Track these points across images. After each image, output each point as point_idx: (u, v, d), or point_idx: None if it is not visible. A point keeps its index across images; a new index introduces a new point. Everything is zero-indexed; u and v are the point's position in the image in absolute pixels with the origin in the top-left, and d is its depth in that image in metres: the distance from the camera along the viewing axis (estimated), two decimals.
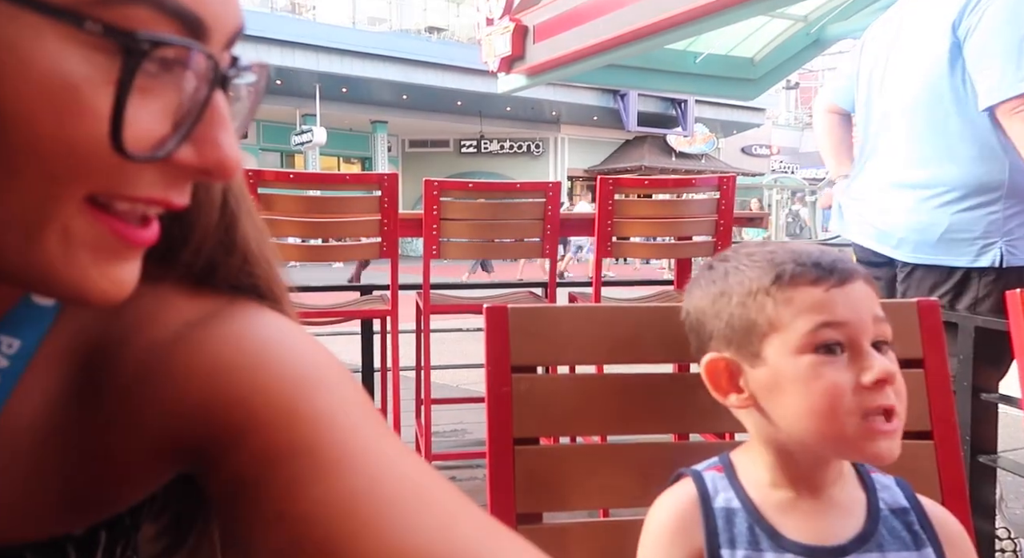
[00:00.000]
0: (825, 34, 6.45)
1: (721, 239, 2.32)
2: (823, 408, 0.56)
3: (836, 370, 0.56)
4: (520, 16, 7.05)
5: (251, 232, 0.42)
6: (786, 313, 0.59)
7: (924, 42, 1.59)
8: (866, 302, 0.58)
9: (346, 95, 15.20)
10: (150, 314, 0.38)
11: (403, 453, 0.35)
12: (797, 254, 0.60)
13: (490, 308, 0.74)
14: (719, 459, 0.65)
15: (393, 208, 2.12)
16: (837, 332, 0.57)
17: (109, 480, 0.37)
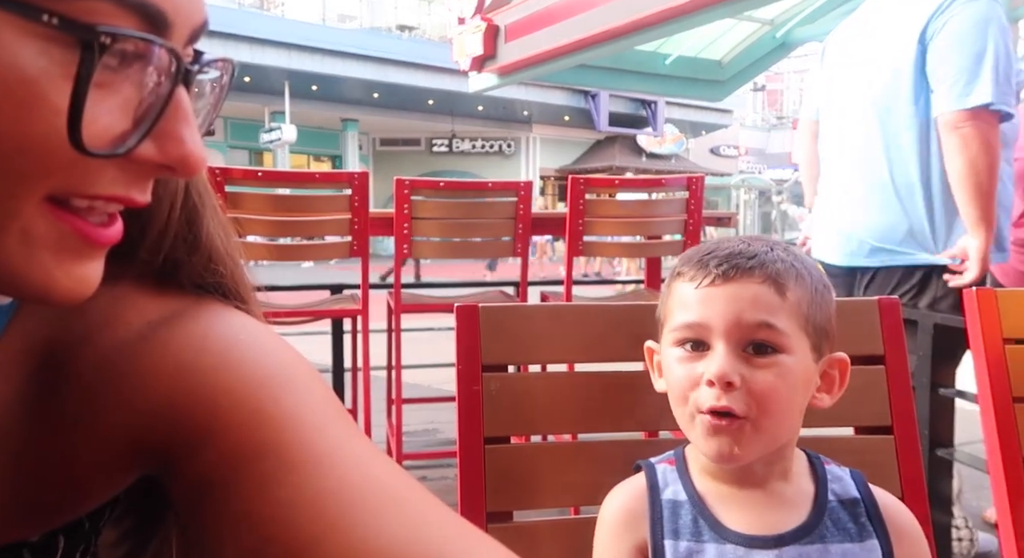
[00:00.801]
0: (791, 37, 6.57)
1: (690, 238, 2.35)
2: (674, 396, 0.61)
3: (688, 365, 0.59)
4: (491, 15, 7.04)
5: (215, 230, 0.41)
6: (667, 306, 0.63)
7: (890, 48, 1.62)
8: (739, 303, 0.58)
9: (316, 93, 15.03)
10: (112, 313, 0.37)
11: (371, 453, 0.34)
12: (705, 248, 0.62)
13: (461, 307, 0.74)
14: (674, 452, 0.66)
15: (364, 207, 2.11)
16: (695, 332, 0.59)
17: (67, 484, 0.36)
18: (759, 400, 0.56)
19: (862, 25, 1.75)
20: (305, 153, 17.60)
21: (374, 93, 15.51)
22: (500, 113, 17.64)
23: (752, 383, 0.56)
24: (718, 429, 0.57)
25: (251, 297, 0.43)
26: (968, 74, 1.49)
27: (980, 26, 1.50)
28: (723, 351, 0.57)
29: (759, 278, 0.59)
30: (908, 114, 1.60)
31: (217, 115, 0.36)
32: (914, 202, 1.62)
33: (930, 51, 1.53)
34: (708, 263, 0.60)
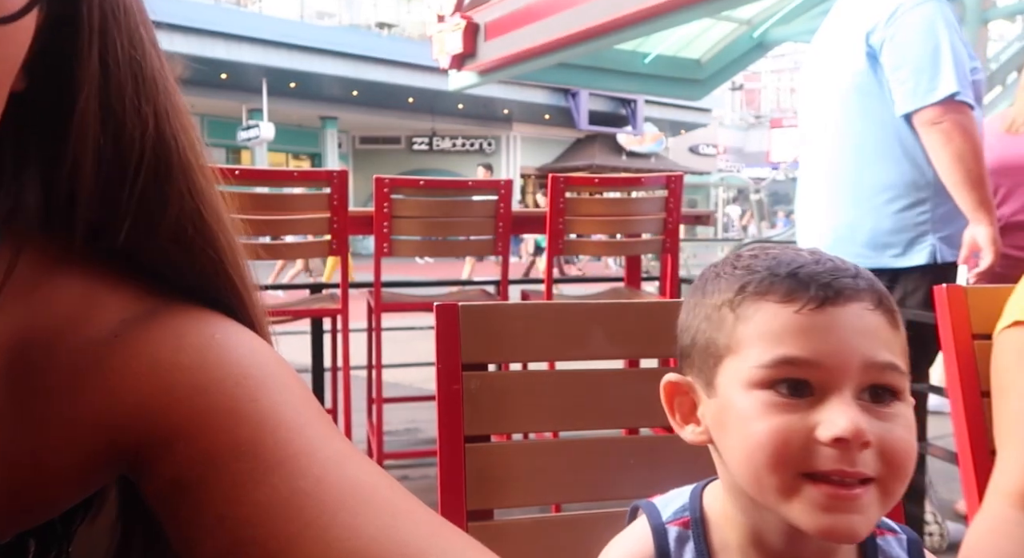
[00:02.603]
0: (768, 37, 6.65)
1: (669, 236, 2.37)
2: (763, 457, 0.44)
3: (791, 414, 0.44)
4: (471, 13, 7.04)
5: (190, 217, 0.37)
6: (744, 335, 0.47)
7: (842, 50, 1.66)
8: (859, 336, 0.44)
9: (294, 90, 14.88)
10: (84, 309, 0.36)
11: (349, 453, 0.34)
12: (779, 262, 0.48)
13: (440, 306, 0.74)
14: (689, 504, 0.53)
15: (343, 205, 2.10)
16: (801, 371, 0.44)
17: (40, 485, 0.35)
18: (891, 461, 0.44)
19: (827, 29, 1.78)
20: (284, 151, 17.43)
21: (353, 91, 15.40)
22: (480, 111, 17.62)
23: (884, 440, 0.43)
24: (843, 501, 0.43)
25: (249, 299, 0.40)
26: (929, 69, 1.52)
27: (930, 25, 1.53)
28: (846, 399, 0.43)
29: (871, 302, 0.46)
30: (866, 117, 1.63)
31: None
32: (878, 202, 1.65)
33: (884, 54, 1.57)
34: (808, 280, 0.46)
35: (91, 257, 0.37)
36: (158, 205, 0.36)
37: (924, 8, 1.54)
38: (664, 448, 0.79)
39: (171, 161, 0.36)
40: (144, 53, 0.35)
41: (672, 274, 2.40)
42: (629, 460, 0.77)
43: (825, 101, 1.72)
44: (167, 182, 0.36)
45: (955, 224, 1.61)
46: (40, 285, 0.36)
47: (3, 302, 0.35)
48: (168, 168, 0.36)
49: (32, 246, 0.36)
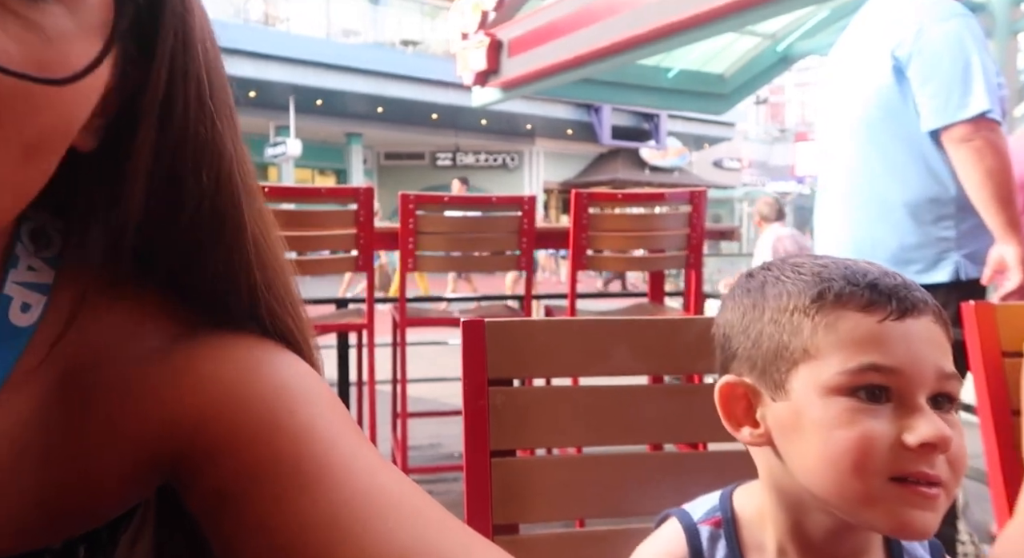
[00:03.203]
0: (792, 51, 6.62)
1: (693, 252, 2.36)
2: (848, 462, 0.46)
3: (874, 420, 0.46)
4: (495, 31, 7.11)
5: (248, 253, 0.39)
6: (825, 341, 0.48)
7: (867, 64, 1.64)
8: (930, 347, 0.47)
9: (321, 108, 15.12)
10: (133, 328, 0.38)
11: (382, 465, 0.36)
12: (851, 271, 0.50)
13: (467, 322, 0.75)
14: (719, 505, 0.55)
15: (369, 221, 2.13)
16: (885, 378, 0.46)
17: (89, 494, 0.37)
18: (954, 466, 0.47)
19: (847, 42, 1.77)
20: (309, 167, 17.67)
21: (378, 108, 15.60)
22: (503, 127, 17.72)
23: (953, 446, 0.46)
24: (924, 501, 0.45)
25: (302, 337, 0.41)
26: (960, 86, 1.51)
27: (960, 40, 1.52)
28: (925, 406, 0.46)
29: (932, 316, 0.49)
30: (890, 131, 1.62)
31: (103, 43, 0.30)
32: (901, 218, 1.63)
33: (912, 68, 1.55)
34: (888, 292, 0.48)
35: (139, 287, 0.39)
36: (206, 251, 0.38)
37: (953, 23, 1.53)
38: (689, 464, 0.79)
39: (225, 219, 0.38)
40: (208, 121, 0.37)
41: (696, 290, 2.39)
42: (654, 476, 0.77)
43: (847, 115, 1.71)
44: (217, 235, 0.38)
45: (979, 241, 1.58)
46: (95, 316, 0.38)
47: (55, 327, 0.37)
48: (220, 224, 0.38)
49: (94, 286, 0.38)
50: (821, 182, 1.85)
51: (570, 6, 6.03)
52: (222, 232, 0.38)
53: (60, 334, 0.36)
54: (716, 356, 0.58)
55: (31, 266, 0.37)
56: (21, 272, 0.37)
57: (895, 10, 1.62)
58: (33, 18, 0.29)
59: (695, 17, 4.77)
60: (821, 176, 1.85)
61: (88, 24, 0.31)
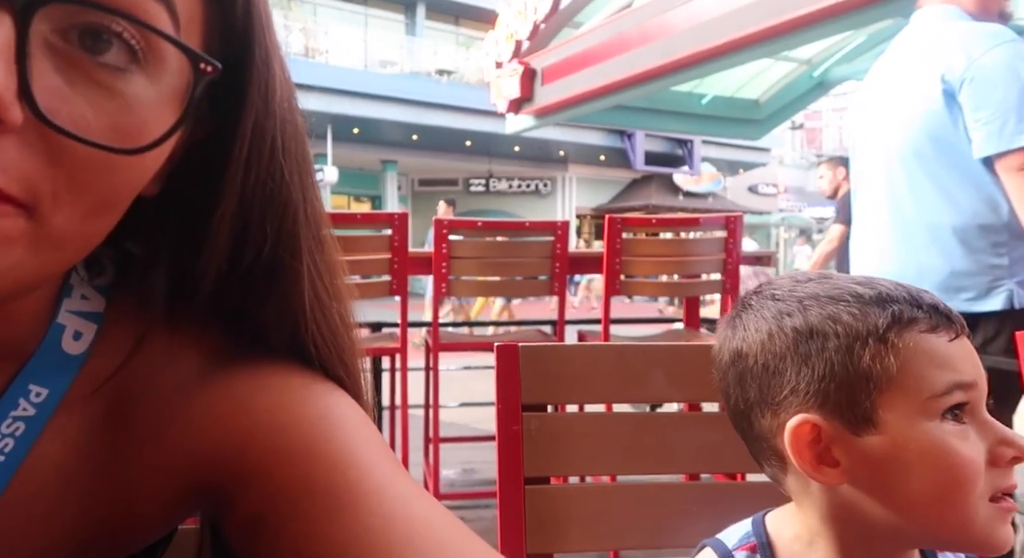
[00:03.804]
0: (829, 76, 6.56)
1: (729, 277, 2.33)
2: (956, 492, 0.45)
3: (967, 441, 0.46)
4: (528, 59, 7.20)
5: (300, 301, 0.39)
6: (909, 366, 0.46)
7: (912, 89, 1.62)
8: (978, 360, 0.49)
9: (357, 136, 15.46)
10: (173, 358, 0.39)
11: (416, 493, 0.35)
12: (910, 293, 0.49)
13: (501, 346, 0.75)
14: (753, 531, 0.53)
15: (403, 247, 2.15)
16: (966, 395, 0.47)
17: (129, 520, 0.37)
18: None
19: (887, 67, 1.75)
20: (346, 194, 18.01)
21: (413, 135, 15.88)
22: (536, 153, 17.86)
23: None
24: (1010, 513, 0.46)
25: (347, 368, 0.41)
26: (1016, 113, 1.48)
27: (1013, 67, 1.49)
28: (991, 417, 0.48)
29: (967, 331, 0.50)
30: (940, 157, 1.59)
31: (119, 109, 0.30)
32: (951, 244, 1.59)
33: (964, 94, 1.53)
34: (947, 312, 0.49)
35: (185, 318, 0.40)
36: (261, 296, 0.39)
37: (1005, 49, 1.50)
38: (726, 495, 0.77)
39: (284, 264, 0.39)
40: (278, 175, 0.38)
41: None
42: (691, 507, 0.76)
43: (888, 140, 1.68)
44: (274, 281, 0.39)
45: None
46: (143, 346, 0.38)
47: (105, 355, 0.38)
48: (280, 270, 0.39)
49: (139, 314, 0.39)
50: (858, 208, 1.82)
51: (603, 34, 6.09)
52: (279, 279, 0.39)
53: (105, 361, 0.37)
54: (744, 389, 0.53)
55: (84, 295, 0.38)
56: (75, 301, 0.38)
57: (941, 35, 1.60)
58: (115, 86, 0.30)
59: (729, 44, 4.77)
60: (857, 202, 1.82)
61: (166, 91, 0.32)
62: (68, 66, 0.29)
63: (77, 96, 0.29)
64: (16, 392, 0.35)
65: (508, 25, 7.42)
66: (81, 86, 0.29)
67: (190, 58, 0.31)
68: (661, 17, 5.29)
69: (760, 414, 0.52)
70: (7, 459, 0.35)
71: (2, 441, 0.35)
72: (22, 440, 0.35)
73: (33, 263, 0.29)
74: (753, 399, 0.52)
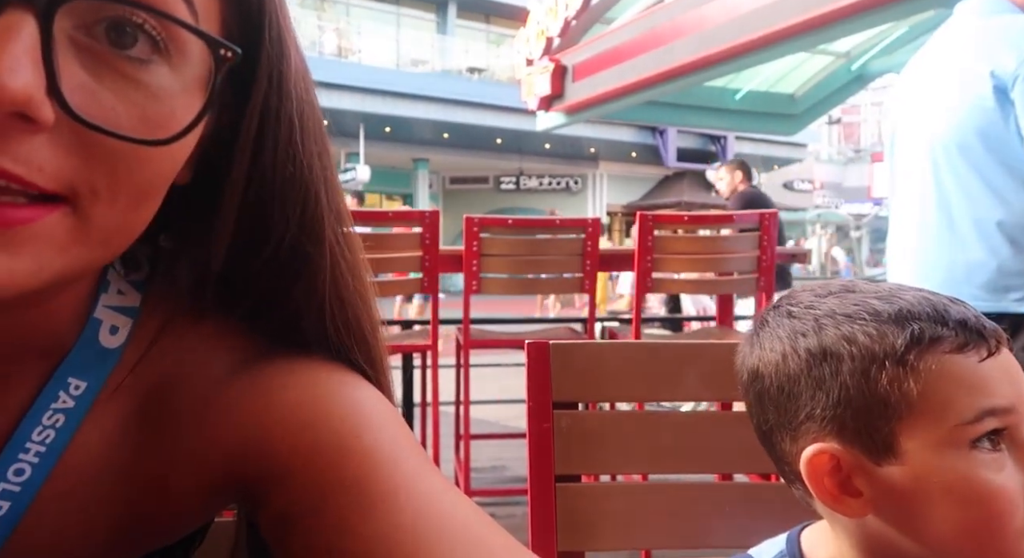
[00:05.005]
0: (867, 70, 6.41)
1: (764, 275, 2.29)
2: (989, 527, 0.42)
3: (1004, 473, 0.42)
4: (559, 56, 7.18)
5: (325, 290, 0.39)
6: (931, 391, 0.43)
7: (958, 84, 1.57)
8: (1021, 377, 0.44)
9: (389, 134, 15.59)
10: (207, 353, 0.39)
11: (446, 489, 0.35)
12: (929, 307, 0.45)
13: (532, 343, 0.75)
14: (787, 550, 0.51)
15: (434, 244, 2.16)
16: (1001, 420, 0.42)
17: (165, 512, 0.38)
18: None
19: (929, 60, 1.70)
20: (378, 192, 18.18)
21: (444, 133, 15.97)
22: (567, 151, 17.80)
23: None
24: None
25: (376, 363, 0.41)
26: None
27: None
28: None
29: (1006, 342, 0.46)
30: (990, 153, 1.54)
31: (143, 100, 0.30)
32: (1000, 242, 1.54)
33: (1019, 90, 1.47)
34: (978, 327, 0.44)
35: (223, 315, 0.41)
36: (287, 285, 0.39)
37: None
38: (760, 496, 0.75)
39: (306, 253, 0.39)
40: (298, 163, 0.38)
41: None
42: (724, 507, 0.75)
43: (931, 135, 1.63)
44: (299, 268, 0.39)
45: None
46: (176, 340, 0.39)
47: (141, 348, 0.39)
48: (302, 257, 0.39)
49: (180, 309, 0.40)
50: (896, 204, 1.77)
51: (635, 30, 6.04)
52: (302, 267, 0.39)
53: (141, 355, 0.38)
54: (763, 410, 0.50)
55: (120, 290, 0.39)
56: (111, 296, 0.39)
57: (988, 29, 1.55)
58: (141, 78, 0.30)
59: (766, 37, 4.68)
60: (896, 198, 1.78)
61: (190, 80, 0.32)
62: (93, 61, 0.29)
63: (105, 90, 0.29)
64: (56, 385, 0.36)
65: (539, 22, 7.41)
66: (108, 80, 0.29)
67: (210, 45, 0.32)
68: (695, 11, 5.22)
69: (780, 437, 0.49)
70: (48, 450, 0.36)
71: (44, 432, 0.36)
72: (63, 431, 0.36)
73: (77, 258, 0.30)
74: (772, 422, 0.50)
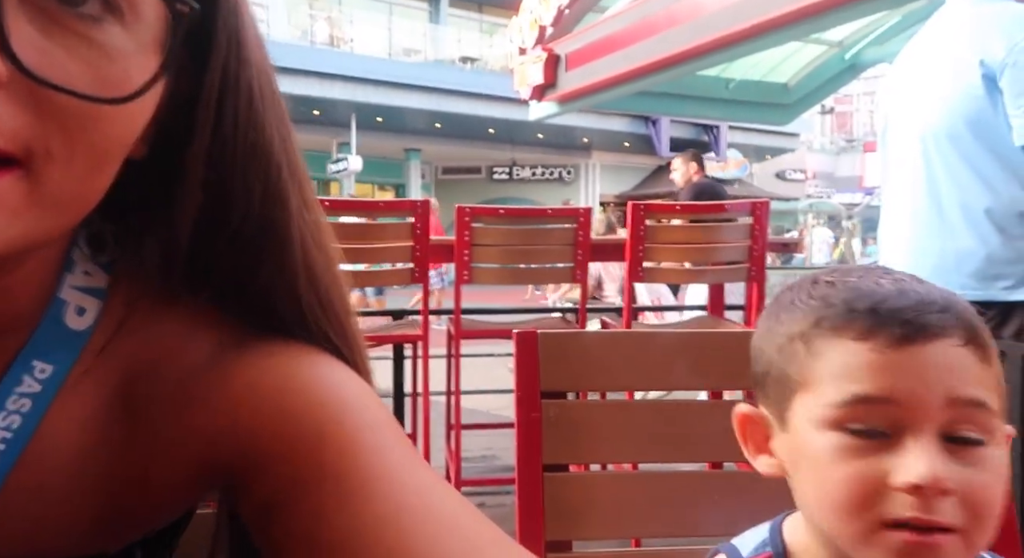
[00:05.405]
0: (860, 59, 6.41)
1: (755, 264, 2.29)
2: (839, 504, 0.43)
3: (865, 459, 0.42)
4: (552, 45, 7.14)
5: (295, 264, 0.39)
6: (816, 371, 0.45)
7: (949, 73, 1.57)
8: (942, 373, 0.42)
9: (381, 124, 15.51)
10: (185, 338, 0.38)
11: (430, 479, 0.35)
12: (859, 294, 0.45)
13: (520, 333, 0.74)
14: (769, 538, 0.51)
15: (426, 234, 2.15)
16: (877, 410, 0.43)
17: (144, 500, 0.37)
18: (976, 510, 0.42)
19: (920, 49, 1.70)
20: (370, 182, 18.11)
21: (436, 123, 15.89)
22: (559, 140, 17.76)
23: (968, 488, 0.42)
24: (921, 550, 0.41)
25: (353, 347, 0.41)
26: None
27: None
28: (924, 442, 0.42)
29: (959, 338, 0.43)
30: (979, 143, 1.54)
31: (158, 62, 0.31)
32: (989, 231, 1.54)
33: (1005, 80, 1.48)
34: (889, 317, 0.43)
35: (191, 296, 0.39)
36: (256, 260, 0.38)
37: None
38: (750, 484, 0.75)
39: (273, 224, 0.38)
40: (260, 131, 0.37)
41: (758, 303, 2.32)
42: (713, 495, 0.75)
43: (922, 124, 1.63)
44: (267, 241, 0.38)
45: None
46: (146, 323, 0.38)
47: (110, 332, 0.38)
48: (269, 229, 0.38)
49: (147, 290, 0.39)
50: (887, 193, 1.78)
51: (629, 19, 6.01)
52: (269, 242, 0.38)
53: (110, 337, 0.37)
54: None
55: (87, 271, 0.38)
56: (77, 277, 0.38)
57: (980, 17, 1.55)
58: (93, 37, 0.29)
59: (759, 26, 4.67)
60: (887, 187, 1.78)
61: (145, 40, 0.31)
62: (43, 18, 0.28)
63: (57, 48, 0.28)
64: (19, 369, 0.35)
65: (532, 11, 7.36)
66: (59, 38, 0.29)
67: (165, 1, 0.31)
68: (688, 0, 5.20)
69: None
70: (15, 436, 0.35)
71: (8, 418, 0.35)
72: (29, 417, 0.35)
73: (32, 225, 0.29)
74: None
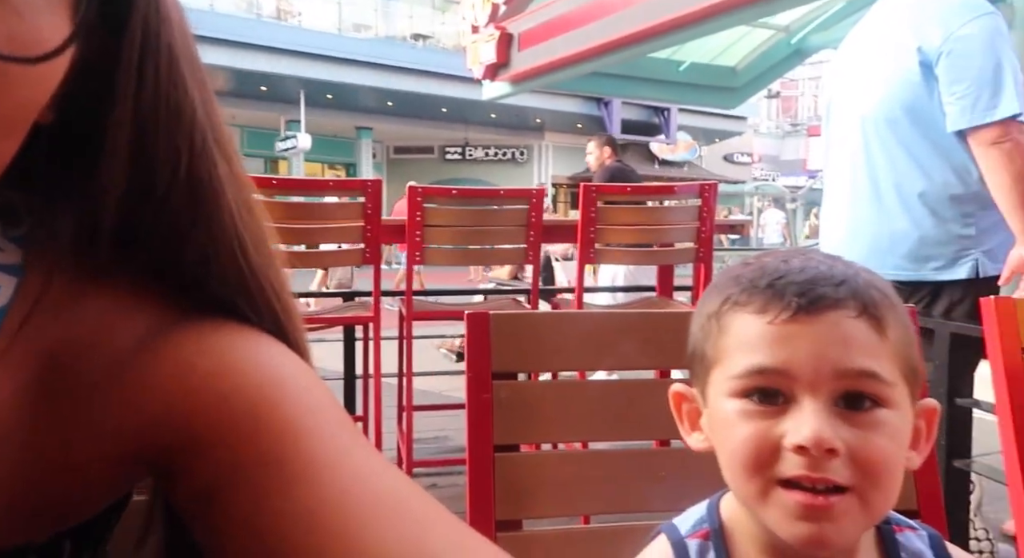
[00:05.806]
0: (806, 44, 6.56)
1: (703, 245, 2.34)
2: (737, 465, 0.46)
3: (760, 422, 0.45)
4: (505, 24, 7.08)
5: (229, 231, 0.37)
6: (724, 346, 0.49)
7: (888, 59, 1.61)
8: (832, 345, 0.45)
9: (331, 101, 15.16)
10: (115, 317, 0.37)
11: (375, 463, 0.34)
12: (765, 271, 0.48)
13: (471, 314, 0.74)
14: (706, 515, 0.53)
15: (377, 214, 2.12)
16: (772, 379, 0.46)
17: (70, 486, 0.36)
18: (867, 469, 0.44)
19: (863, 35, 1.74)
20: (320, 161, 17.73)
21: (388, 102, 15.62)
22: (513, 121, 17.70)
23: (857, 448, 0.44)
24: (812, 509, 0.43)
25: (283, 310, 0.39)
26: (991, 87, 1.48)
27: (991, 40, 1.49)
28: (814, 406, 0.44)
29: (853, 310, 0.46)
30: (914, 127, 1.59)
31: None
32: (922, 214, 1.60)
33: (941, 67, 1.53)
34: (783, 290, 0.46)
35: (120, 273, 0.37)
36: (186, 230, 0.37)
37: (983, 22, 1.50)
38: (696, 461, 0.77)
39: (201, 190, 0.37)
40: (183, 92, 0.35)
41: (705, 284, 2.37)
42: (660, 472, 0.76)
43: (862, 109, 1.68)
44: (197, 209, 0.37)
45: (998, 237, 1.57)
46: (70, 301, 0.36)
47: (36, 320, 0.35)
48: (198, 196, 0.37)
49: (63, 266, 0.37)
50: (829, 176, 1.83)
51: None
52: (201, 208, 0.37)
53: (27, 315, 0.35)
54: None
55: None
56: None
57: (920, 5, 1.59)
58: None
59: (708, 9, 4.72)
60: (829, 170, 1.83)
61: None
62: None
63: None
64: None
65: None
66: None
67: None
68: None
69: None
70: None
71: None
72: None
73: None
74: None
